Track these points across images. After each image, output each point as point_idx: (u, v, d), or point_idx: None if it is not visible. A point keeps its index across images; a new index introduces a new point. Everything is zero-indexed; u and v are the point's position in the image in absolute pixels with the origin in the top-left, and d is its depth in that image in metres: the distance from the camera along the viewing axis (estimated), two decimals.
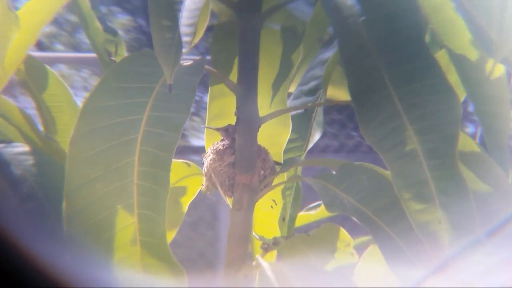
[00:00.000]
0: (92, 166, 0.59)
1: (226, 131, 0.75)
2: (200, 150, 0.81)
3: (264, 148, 0.76)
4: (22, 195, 0.68)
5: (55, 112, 0.83)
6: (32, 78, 0.83)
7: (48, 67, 0.84)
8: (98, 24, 0.79)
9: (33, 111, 0.84)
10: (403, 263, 0.60)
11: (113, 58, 0.80)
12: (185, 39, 0.58)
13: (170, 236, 0.79)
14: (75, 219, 0.58)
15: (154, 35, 0.57)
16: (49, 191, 0.68)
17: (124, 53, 0.82)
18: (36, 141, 0.78)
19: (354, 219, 0.63)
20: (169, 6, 0.58)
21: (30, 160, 0.71)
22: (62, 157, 0.69)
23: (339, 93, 0.81)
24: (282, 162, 0.80)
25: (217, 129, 0.75)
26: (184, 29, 0.58)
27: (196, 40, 0.75)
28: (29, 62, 0.81)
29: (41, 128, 0.83)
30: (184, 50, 0.57)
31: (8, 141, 0.76)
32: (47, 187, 0.68)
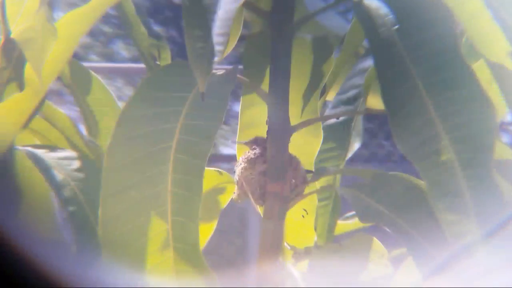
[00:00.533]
0: (128, 173, 0.60)
1: (255, 142, 0.75)
2: (229, 159, 0.82)
3: (295, 157, 0.76)
4: (63, 198, 0.70)
5: (99, 116, 0.85)
6: (76, 82, 0.85)
7: (92, 72, 0.86)
8: (143, 29, 0.80)
9: (77, 115, 0.86)
10: (438, 275, 0.59)
11: (158, 63, 0.82)
12: (217, 48, 0.58)
13: (203, 243, 0.80)
14: (110, 225, 0.59)
15: (188, 44, 0.58)
16: (89, 195, 0.70)
17: (169, 57, 0.83)
18: (79, 146, 0.80)
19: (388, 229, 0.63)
20: (202, 16, 0.59)
21: (73, 165, 0.73)
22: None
23: (379, 102, 0.80)
24: (313, 170, 0.79)
25: (246, 143, 0.76)
26: (216, 38, 0.58)
27: (229, 49, 0.76)
28: (74, 66, 0.83)
29: (84, 132, 0.85)
30: (216, 59, 0.58)
31: (52, 146, 0.78)
32: (88, 191, 0.70)
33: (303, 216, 0.82)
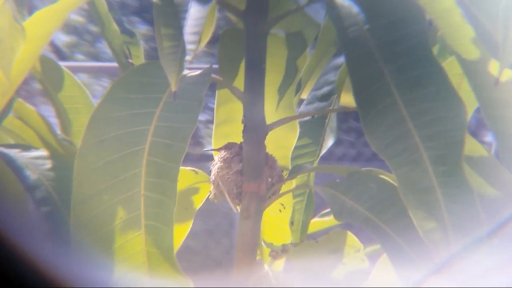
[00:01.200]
0: (100, 177, 0.59)
1: (228, 148, 0.75)
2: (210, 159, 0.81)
3: (271, 155, 0.76)
4: (37, 199, 0.69)
5: (72, 114, 0.84)
6: (49, 78, 0.84)
7: (64, 68, 0.85)
8: (115, 26, 0.79)
9: (50, 115, 0.85)
10: (412, 271, 0.60)
11: (130, 61, 0.81)
12: (189, 47, 0.58)
13: (177, 244, 0.79)
14: (82, 230, 0.59)
15: (159, 43, 0.58)
16: (64, 195, 0.69)
17: (141, 55, 0.82)
18: (53, 144, 0.79)
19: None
20: (174, 15, 0.59)
21: (46, 165, 0.72)
22: None
23: (352, 99, 0.81)
24: (289, 166, 0.80)
25: (219, 149, 0.75)
26: (188, 37, 0.58)
27: (200, 47, 0.75)
28: (46, 63, 0.82)
29: (58, 130, 0.83)
30: (188, 58, 0.58)
31: (25, 146, 0.77)
32: (63, 191, 0.69)
33: (280, 211, 0.82)
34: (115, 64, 0.81)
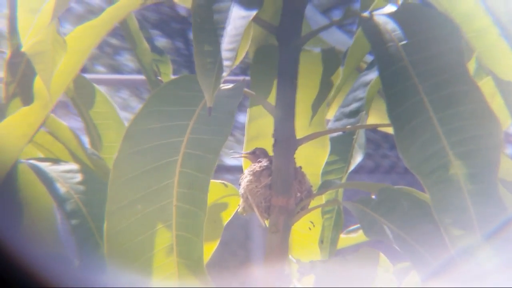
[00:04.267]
0: (134, 187, 0.60)
1: (253, 154, 0.75)
2: (233, 169, 0.82)
3: (301, 169, 0.76)
4: (66, 212, 0.70)
5: (102, 130, 0.86)
6: (80, 96, 0.86)
7: (96, 86, 0.87)
8: (146, 44, 0.81)
9: (81, 130, 0.87)
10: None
11: (159, 78, 0.82)
12: (226, 63, 0.59)
13: (207, 256, 0.80)
14: (115, 240, 0.60)
15: (197, 59, 0.59)
16: (93, 208, 0.70)
17: (170, 72, 0.84)
18: (83, 158, 0.80)
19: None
20: (212, 32, 0.60)
21: (76, 178, 0.74)
22: (106, 174, 0.70)
23: (381, 115, 0.81)
24: (319, 182, 0.79)
25: (246, 154, 0.76)
26: (225, 53, 0.59)
27: (236, 63, 0.76)
28: (78, 80, 0.84)
29: (88, 145, 0.85)
30: (224, 74, 0.58)
31: (55, 159, 0.79)
32: (91, 204, 0.70)
33: (310, 229, 0.82)
34: (135, 77, 0.83)
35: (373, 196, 0.67)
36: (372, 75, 0.79)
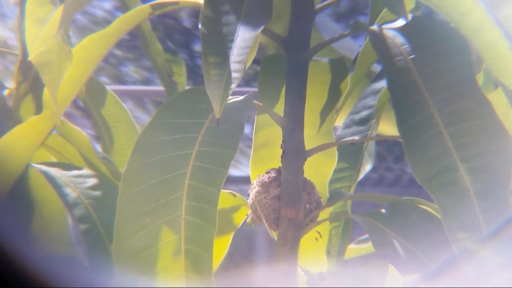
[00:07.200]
0: (143, 200, 0.60)
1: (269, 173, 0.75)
2: (237, 180, 0.82)
3: (310, 181, 0.75)
4: (76, 217, 0.71)
5: (113, 132, 0.86)
6: (91, 98, 0.86)
7: (107, 88, 0.87)
8: (159, 45, 0.81)
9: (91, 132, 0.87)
10: None
11: (173, 79, 0.82)
12: (234, 75, 0.59)
13: (214, 267, 0.79)
14: (124, 252, 0.59)
15: (205, 71, 0.59)
16: (103, 213, 0.70)
17: (183, 72, 0.84)
18: (94, 162, 0.81)
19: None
20: (221, 44, 0.60)
21: (86, 183, 0.74)
22: (117, 179, 0.70)
23: (391, 123, 0.80)
24: (327, 193, 0.79)
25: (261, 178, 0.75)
26: (234, 65, 0.59)
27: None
28: (89, 82, 0.84)
29: (99, 147, 0.85)
30: (232, 86, 0.58)
31: (66, 164, 0.79)
32: (102, 209, 0.70)
33: (316, 239, 0.81)
34: (139, 88, 0.83)
35: (383, 210, 0.67)
36: (383, 83, 0.78)
